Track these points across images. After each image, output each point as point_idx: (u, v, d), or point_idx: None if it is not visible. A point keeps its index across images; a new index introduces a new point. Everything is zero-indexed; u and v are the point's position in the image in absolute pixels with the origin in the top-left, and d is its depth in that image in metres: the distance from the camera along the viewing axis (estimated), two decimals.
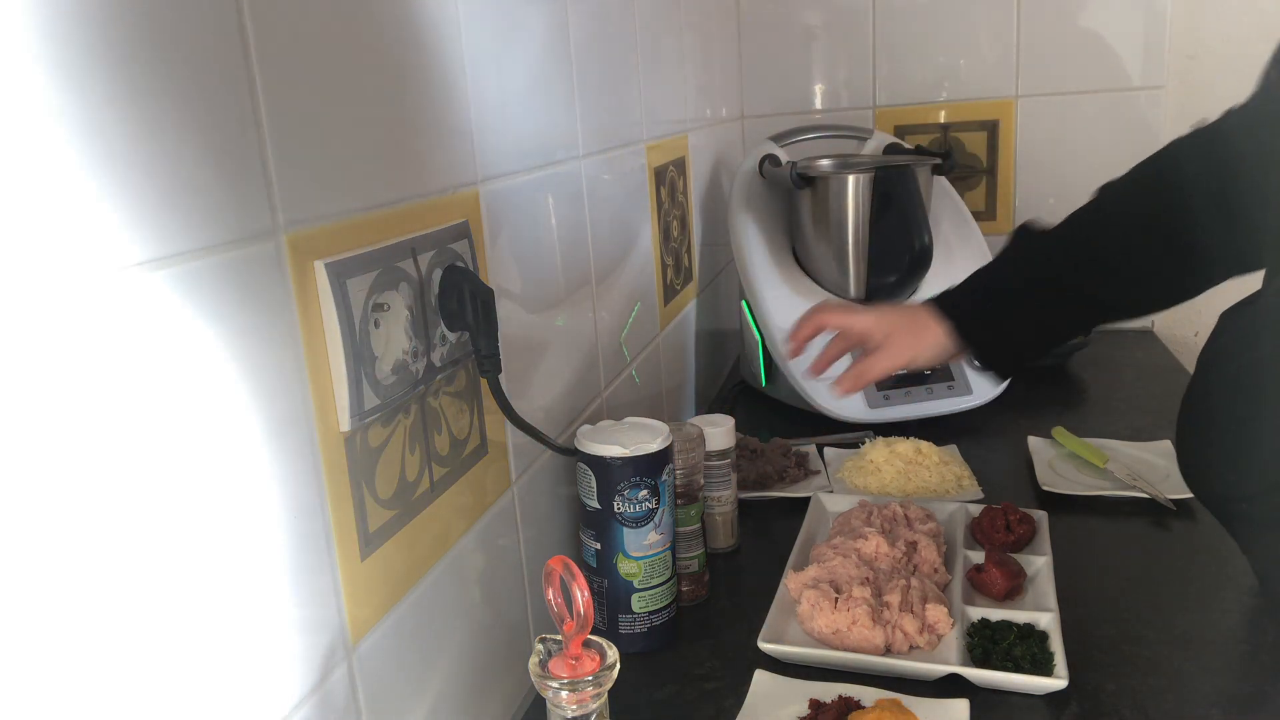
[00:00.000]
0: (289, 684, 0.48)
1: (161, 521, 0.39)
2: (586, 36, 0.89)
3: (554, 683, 0.51)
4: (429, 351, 0.59)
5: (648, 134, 1.10)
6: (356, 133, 0.53)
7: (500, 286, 0.70)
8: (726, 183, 1.40)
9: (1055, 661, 0.71)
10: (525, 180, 0.76)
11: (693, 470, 0.86)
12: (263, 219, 0.45)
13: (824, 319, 0.98)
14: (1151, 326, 1.63)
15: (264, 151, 0.45)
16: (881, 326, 0.94)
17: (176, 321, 0.40)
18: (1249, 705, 0.67)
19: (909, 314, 0.94)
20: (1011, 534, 0.89)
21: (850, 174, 1.26)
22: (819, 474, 1.10)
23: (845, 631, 0.75)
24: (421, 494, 0.60)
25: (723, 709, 0.71)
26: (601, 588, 0.78)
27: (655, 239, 1.13)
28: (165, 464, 0.39)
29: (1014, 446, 1.14)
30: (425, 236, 0.59)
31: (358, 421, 0.52)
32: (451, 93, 0.64)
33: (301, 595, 0.48)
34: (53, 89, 0.34)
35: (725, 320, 1.53)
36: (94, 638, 0.36)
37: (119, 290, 0.37)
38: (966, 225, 1.35)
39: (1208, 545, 0.90)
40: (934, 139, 1.64)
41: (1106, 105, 1.56)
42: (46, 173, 0.33)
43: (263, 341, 0.45)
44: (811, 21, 1.64)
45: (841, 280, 1.29)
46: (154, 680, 0.39)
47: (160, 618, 0.39)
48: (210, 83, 0.42)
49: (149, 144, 0.38)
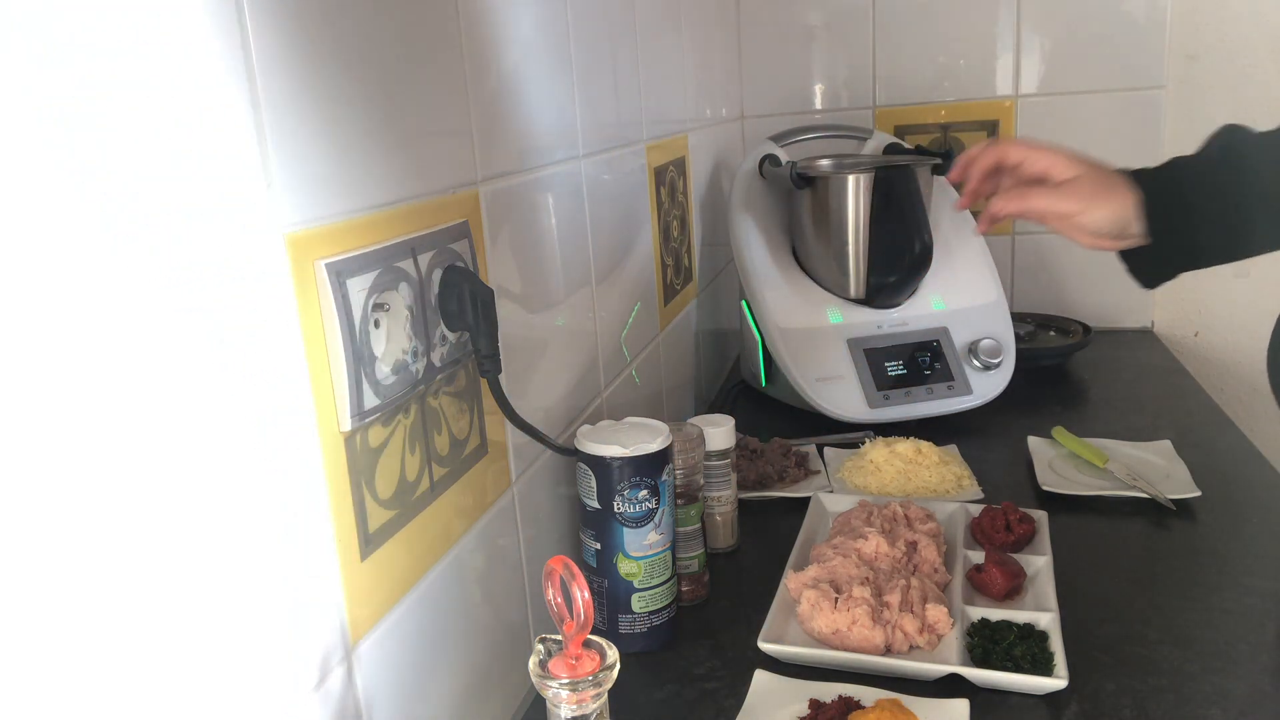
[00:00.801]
0: (289, 684, 0.48)
1: (160, 521, 0.39)
2: (587, 36, 0.89)
3: (554, 683, 0.51)
4: (429, 351, 0.59)
5: (648, 134, 1.10)
6: (357, 133, 0.53)
7: (500, 286, 0.70)
8: (726, 183, 1.40)
9: (1055, 661, 0.71)
10: (525, 180, 0.76)
11: (693, 470, 0.86)
12: (263, 219, 0.45)
13: (1006, 150, 0.89)
14: (1151, 327, 1.63)
15: (264, 151, 0.45)
16: (1068, 168, 0.85)
17: (176, 321, 0.40)
18: (1249, 705, 0.67)
19: (1100, 168, 0.86)
20: (1011, 534, 0.89)
21: (850, 174, 1.26)
22: (819, 474, 1.10)
23: (845, 631, 0.75)
24: (421, 494, 0.60)
25: (723, 709, 0.71)
26: (601, 588, 0.78)
27: (655, 239, 1.13)
28: (164, 464, 0.39)
29: (1014, 446, 1.14)
30: (425, 236, 0.59)
31: (358, 421, 0.52)
32: (452, 93, 0.64)
33: (301, 595, 0.48)
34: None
35: (725, 320, 1.53)
36: (94, 639, 0.36)
37: (119, 290, 0.37)
38: (967, 225, 1.35)
39: (1208, 545, 0.90)
40: (934, 139, 1.64)
41: (1106, 105, 1.56)
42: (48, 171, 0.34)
43: (263, 341, 0.45)
44: (811, 21, 1.64)
45: (841, 280, 1.29)
46: (154, 680, 0.39)
47: (159, 618, 0.39)
48: (212, 83, 0.42)
49: (148, 143, 0.38)
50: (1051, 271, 1.65)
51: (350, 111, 0.52)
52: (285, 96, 0.47)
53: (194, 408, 0.41)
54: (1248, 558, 0.87)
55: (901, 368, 1.24)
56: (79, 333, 0.35)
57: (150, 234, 0.38)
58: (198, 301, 0.41)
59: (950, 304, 1.30)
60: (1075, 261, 1.64)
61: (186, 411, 0.40)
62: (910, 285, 1.28)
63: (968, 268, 1.33)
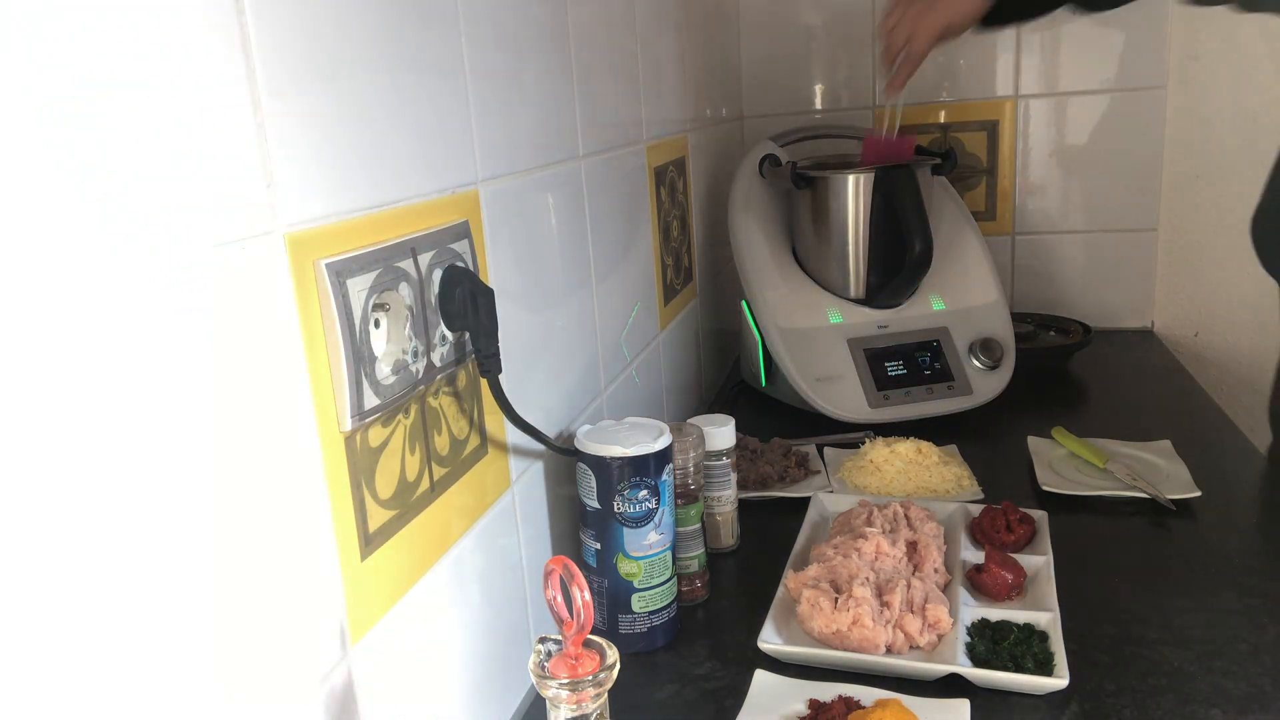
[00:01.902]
0: (288, 683, 0.48)
1: (160, 521, 0.39)
2: (587, 36, 0.89)
3: (554, 683, 0.51)
4: (429, 351, 0.59)
5: (648, 134, 1.10)
6: (357, 132, 0.53)
7: (500, 286, 0.70)
8: (726, 183, 1.40)
9: (1055, 661, 0.71)
10: (525, 180, 0.76)
11: (693, 470, 0.86)
12: (263, 219, 0.45)
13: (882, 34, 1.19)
14: (1151, 327, 1.63)
15: (265, 151, 0.45)
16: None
17: (176, 321, 0.40)
18: (1249, 705, 0.67)
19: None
20: (1011, 534, 0.89)
21: (850, 174, 1.26)
22: (819, 474, 1.10)
23: (846, 631, 0.75)
24: (421, 494, 0.60)
25: (723, 709, 0.71)
26: (601, 588, 0.78)
27: (655, 239, 1.13)
28: (163, 464, 0.39)
29: (1014, 446, 1.14)
30: (425, 236, 0.59)
31: (358, 421, 0.52)
32: (452, 92, 0.64)
33: (301, 595, 0.48)
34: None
35: (725, 320, 1.53)
36: (94, 639, 0.36)
37: (118, 290, 0.37)
38: (966, 225, 1.35)
39: (1208, 545, 0.90)
40: (934, 139, 1.64)
41: (1106, 105, 1.56)
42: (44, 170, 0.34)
43: (263, 341, 0.45)
44: (811, 21, 1.64)
45: (842, 280, 1.29)
46: (153, 681, 0.39)
47: (159, 618, 0.39)
48: (211, 82, 0.42)
49: (148, 143, 0.38)
50: (1051, 271, 1.65)
51: (350, 111, 0.52)
52: (285, 96, 0.47)
53: (194, 408, 0.41)
54: (1248, 558, 0.87)
55: (901, 368, 1.24)
56: (79, 333, 0.35)
57: (150, 233, 0.38)
58: (198, 301, 0.41)
59: (950, 304, 1.30)
60: (1075, 261, 1.64)
61: (186, 411, 0.40)
62: (910, 285, 1.28)
63: (968, 268, 1.33)
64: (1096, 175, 1.61)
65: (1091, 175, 1.61)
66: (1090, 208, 1.62)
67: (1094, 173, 1.61)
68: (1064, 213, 1.64)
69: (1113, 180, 1.59)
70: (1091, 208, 1.61)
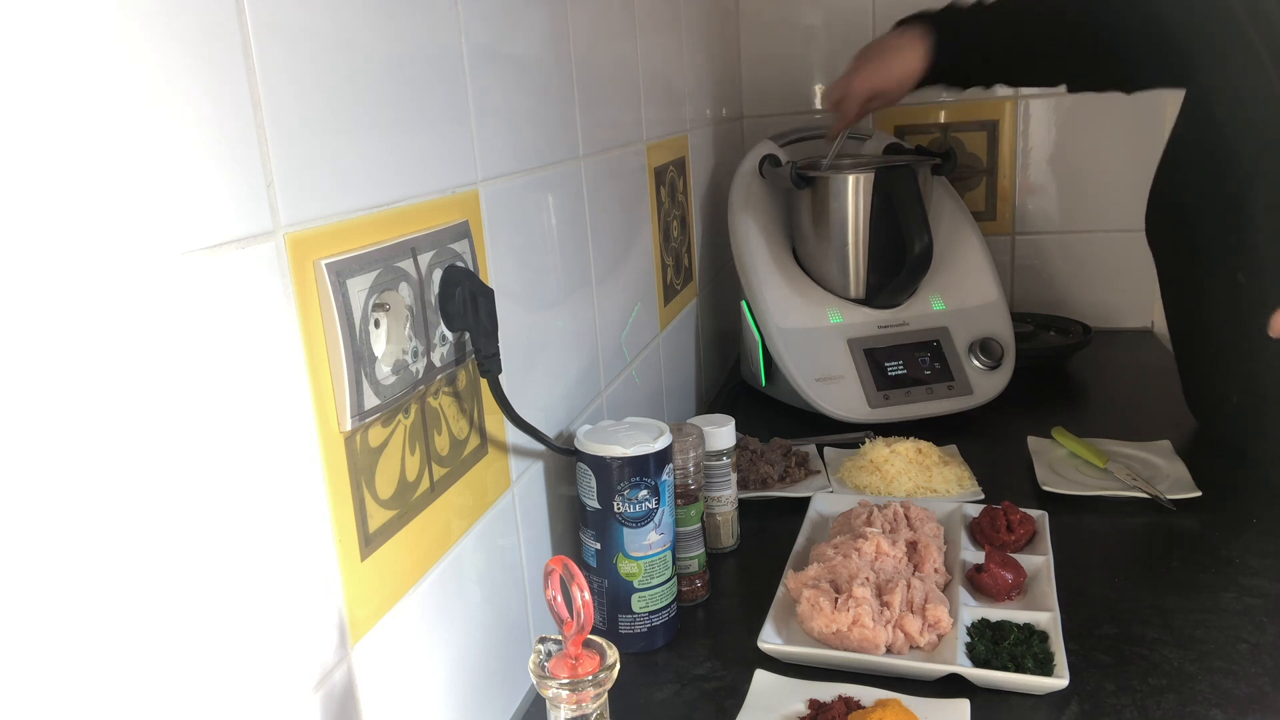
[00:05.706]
0: (288, 683, 0.48)
1: (159, 521, 0.39)
2: (587, 36, 0.89)
3: (554, 683, 0.51)
4: (429, 351, 0.59)
5: (648, 134, 1.10)
6: (357, 132, 0.53)
7: (500, 286, 0.70)
8: (726, 183, 1.40)
9: (1055, 661, 0.71)
10: (525, 180, 0.76)
11: (693, 470, 0.86)
12: (263, 219, 0.45)
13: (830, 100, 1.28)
14: (1151, 327, 1.63)
15: (265, 151, 0.45)
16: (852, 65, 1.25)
17: (176, 321, 0.40)
18: (1249, 705, 0.67)
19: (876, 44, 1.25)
20: (1012, 534, 0.89)
21: (850, 174, 1.26)
22: (819, 474, 1.10)
23: (846, 631, 0.75)
24: (421, 494, 0.60)
25: (723, 709, 0.71)
26: (601, 588, 0.78)
27: (655, 239, 1.13)
28: (163, 464, 0.39)
29: (1014, 446, 1.14)
30: (425, 236, 0.59)
31: (358, 421, 0.52)
32: (452, 92, 0.64)
33: (301, 595, 0.48)
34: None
35: (725, 320, 1.53)
36: (94, 639, 0.36)
37: (118, 289, 0.37)
38: (966, 225, 1.35)
39: (1208, 545, 0.90)
40: (934, 139, 1.64)
41: (1107, 105, 1.55)
42: (41, 171, 0.34)
43: (263, 341, 0.45)
44: (811, 21, 1.64)
45: (842, 280, 1.29)
46: (153, 681, 0.39)
47: (159, 619, 0.39)
48: (211, 82, 0.42)
49: (148, 143, 0.38)
50: (1051, 271, 1.65)
51: (350, 111, 0.52)
52: (285, 96, 0.47)
53: (194, 408, 0.41)
54: (1248, 557, 0.87)
55: (901, 368, 1.24)
56: (78, 332, 0.35)
57: (150, 233, 0.38)
58: (198, 301, 0.41)
59: (950, 304, 1.30)
60: (1075, 261, 1.64)
61: (186, 411, 0.40)
62: (910, 285, 1.28)
63: (968, 268, 1.33)
64: (1097, 175, 1.61)
65: (1092, 175, 1.61)
66: (1090, 208, 1.61)
67: (1094, 173, 1.61)
68: (1064, 213, 1.64)
69: (1113, 180, 1.59)
70: (1091, 208, 1.61)
